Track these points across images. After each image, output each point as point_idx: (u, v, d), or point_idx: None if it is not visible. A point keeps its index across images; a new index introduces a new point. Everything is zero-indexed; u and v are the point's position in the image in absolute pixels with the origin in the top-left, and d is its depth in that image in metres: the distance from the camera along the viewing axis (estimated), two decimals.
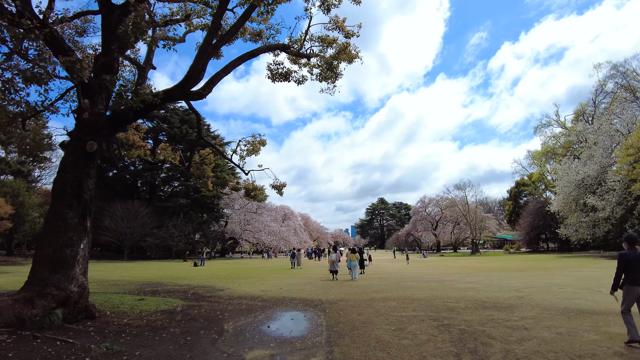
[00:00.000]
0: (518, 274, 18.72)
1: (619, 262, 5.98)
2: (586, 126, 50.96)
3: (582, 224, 40.95)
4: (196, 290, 13.67)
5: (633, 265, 5.83)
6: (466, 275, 18.77)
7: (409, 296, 11.32)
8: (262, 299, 11.36)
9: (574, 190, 42.25)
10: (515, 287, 13.27)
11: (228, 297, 11.80)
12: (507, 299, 10.45)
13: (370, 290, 13.19)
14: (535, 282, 14.85)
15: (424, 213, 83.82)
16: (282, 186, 12.83)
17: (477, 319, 7.71)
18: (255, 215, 61.70)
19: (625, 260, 5.92)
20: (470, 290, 12.65)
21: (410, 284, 14.98)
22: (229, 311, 9.18)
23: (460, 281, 15.83)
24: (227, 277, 19.75)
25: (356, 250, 20.38)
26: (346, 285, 15.22)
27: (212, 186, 14.05)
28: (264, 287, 14.45)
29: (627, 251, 6.04)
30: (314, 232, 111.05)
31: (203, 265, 33.39)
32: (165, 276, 20.05)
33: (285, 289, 13.98)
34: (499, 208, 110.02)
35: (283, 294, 12.23)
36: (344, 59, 10.68)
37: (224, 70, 9.17)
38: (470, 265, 29.91)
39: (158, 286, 15.22)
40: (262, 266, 31.53)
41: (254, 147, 12.62)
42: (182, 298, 11.62)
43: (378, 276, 19.87)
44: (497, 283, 14.66)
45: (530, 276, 17.43)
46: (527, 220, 59.96)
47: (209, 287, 14.98)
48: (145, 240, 46.09)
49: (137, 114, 9.00)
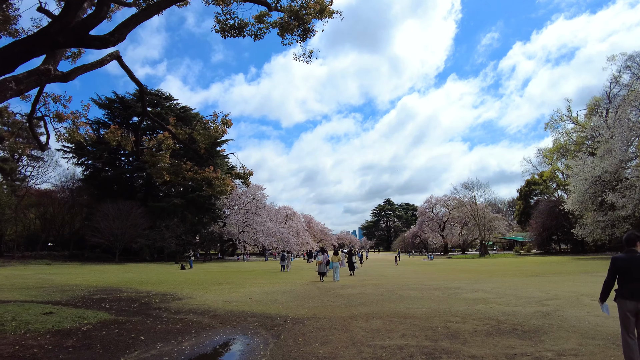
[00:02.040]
0: (534, 280, 16.14)
1: (609, 268, 4.75)
2: (601, 120, 48.09)
3: (600, 224, 38.01)
4: (148, 300, 11.37)
5: (627, 273, 4.54)
6: (475, 282, 16.24)
7: (401, 312, 8.87)
8: (214, 314, 8.99)
9: (590, 188, 39.32)
10: (536, 297, 10.76)
11: (176, 311, 9.46)
12: (529, 316, 7.97)
13: (356, 301, 10.75)
14: (558, 290, 12.30)
15: (431, 214, 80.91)
16: (247, 175, 10.50)
17: (492, 354, 5.27)
18: (254, 216, 59.44)
19: (616, 266, 4.67)
20: (480, 302, 10.16)
21: (408, 294, 12.51)
22: (153, 333, 6.84)
23: (468, 289, 13.32)
24: (202, 282, 17.44)
25: (339, 252, 19.60)
26: (331, 294, 12.79)
27: (168, 177, 11.74)
28: (232, 297, 12.09)
29: (621, 255, 4.76)
30: (318, 233, 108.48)
31: (191, 269, 31.18)
32: (134, 281, 17.79)
33: (256, 298, 11.61)
34: (508, 209, 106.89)
35: (244, 307, 9.84)
36: (314, 9, 8.28)
37: (145, 11, 6.83)
38: (479, 268, 27.28)
39: (110, 293, 12.95)
40: (252, 269, 29.22)
41: (216, 130, 10.30)
42: (118, 310, 9.32)
43: (374, 282, 17.41)
44: (512, 292, 12.13)
45: (550, 282, 14.86)
46: (538, 220, 56.82)
47: (169, 295, 12.67)
48: (137, 241, 43.97)
49: None
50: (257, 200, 61.84)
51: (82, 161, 53.48)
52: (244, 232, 57.13)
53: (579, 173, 40.46)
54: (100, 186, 53.16)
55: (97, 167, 54.94)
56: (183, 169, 11.02)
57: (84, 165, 54.37)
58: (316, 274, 19.74)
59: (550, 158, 65.77)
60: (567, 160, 55.81)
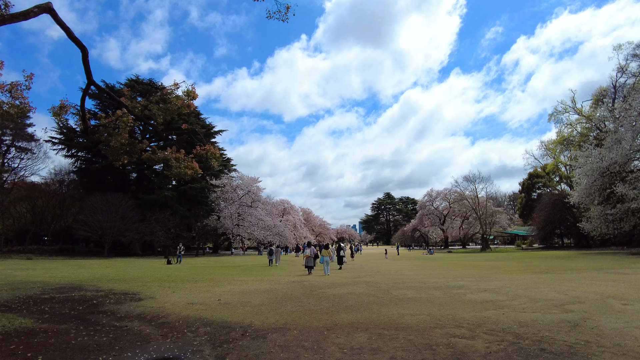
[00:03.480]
0: (546, 278, 14.47)
1: None
2: (610, 108, 46.31)
3: (608, 217, 36.29)
4: (102, 301, 9.71)
5: None
6: (480, 279, 14.57)
7: (394, 320, 7.19)
8: (164, 321, 7.32)
9: (597, 179, 37.53)
10: (555, 300, 9.09)
11: (122, 316, 7.80)
12: (554, 327, 6.29)
13: (341, 305, 9.06)
14: (577, 291, 10.63)
15: (431, 207, 79.25)
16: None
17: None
18: (249, 210, 57.78)
19: None
20: (489, 306, 8.49)
21: (404, 294, 10.83)
22: (62, 349, 5.18)
23: (473, 289, 11.65)
24: (178, 279, 15.78)
25: (328, 246, 19.36)
26: (315, 295, 11.11)
27: (127, 159, 10.02)
28: (199, 298, 10.41)
29: None
30: (316, 227, 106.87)
31: (179, 264, 29.58)
32: (105, 277, 16.13)
33: (226, 300, 9.93)
34: (509, 202, 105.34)
35: (204, 313, 8.15)
36: None
37: None
38: (482, 264, 25.63)
39: (65, 292, 11.29)
40: (242, 264, 27.57)
41: (177, 103, 8.61)
42: (53, 314, 7.68)
43: (367, 279, 15.74)
44: (525, 293, 10.45)
45: (565, 281, 13.18)
46: (541, 214, 55.15)
47: (130, 294, 11.02)
48: (126, 235, 42.31)
49: None
50: (253, 193, 60.13)
51: (71, 153, 51.64)
52: (239, 226, 55.49)
53: (585, 164, 38.65)
54: (91, 178, 51.49)
55: (88, 159, 53.22)
56: (138, 149, 9.34)
57: (74, 157, 52.58)
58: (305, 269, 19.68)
59: (554, 150, 64.00)
60: (572, 152, 54.03)
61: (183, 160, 9.02)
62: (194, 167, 9.04)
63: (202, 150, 9.13)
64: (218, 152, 9.10)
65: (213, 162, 9.23)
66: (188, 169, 8.98)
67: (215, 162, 9.36)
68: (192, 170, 9.05)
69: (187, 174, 9.11)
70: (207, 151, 9.05)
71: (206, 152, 8.99)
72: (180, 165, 8.94)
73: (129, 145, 9.31)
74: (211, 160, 9.18)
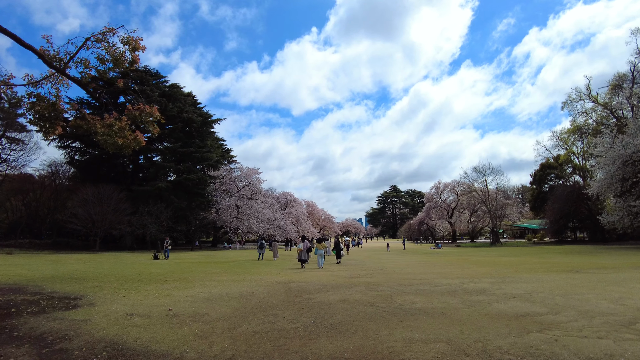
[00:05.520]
0: (580, 278, 12.03)
1: None
2: (630, 93, 43.40)
3: (632, 209, 33.60)
4: (24, 309, 7.47)
5: None
6: (501, 280, 12.15)
7: (397, 352, 4.84)
8: (63, 347, 5.02)
9: (619, 169, 34.78)
10: (614, 313, 6.68)
11: (21, 334, 5.54)
12: None
13: (326, 323, 6.68)
14: (635, 299, 8.20)
15: (439, 200, 76.61)
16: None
17: None
18: (249, 202, 55.57)
19: None
20: (529, 323, 6.10)
21: (412, 303, 8.47)
22: None
23: (497, 294, 9.25)
24: (145, 278, 13.56)
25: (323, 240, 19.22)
26: (297, 304, 8.76)
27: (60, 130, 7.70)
28: (149, 305, 8.14)
29: None
30: (320, 220, 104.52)
31: (166, 259, 27.49)
32: (65, 276, 13.93)
33: (178, 311, 7.63)
34: (517, 196, 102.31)
35: (132, 333, 5.83)
36: None
37: None
38: (497, 260, 23.16)
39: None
40: (232, 260, 25.39)
41: (115, 55, 6.30)
42: None
43: (366, 279, 13.38)
44: (566, 302, 8.04)
45: (607, 283, 10.72)
46: (554, 206, 52.26)
47: (70, 298, 8.80)
48: (117, 227, 40.30)
49: None
50: (253, 184, 57.86)
51: (63, 143, 49.63)
52: (238, 219, 53.33)
53: (606, 152, 35.88)
54: (85, 169, 49.66)
55: (81, 149, 51.29)
56: (60, 112, 7.05)
57: (67, 147, 50.64)
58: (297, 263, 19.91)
59: (567, 141, 61.02)
60: (589, 139, 51.11)
61: (113, 127, 6.71)
62: (125, 136, 6.72)
63: (136, 110, 6.80)
64: (156, 112, 6.80)
65: (150, 127, 6.96)
66: (119, 138, 6.68)
67: (153, 128, 7.06)
68: (123, 140, 6.73)
69: (117, 143, 6.80)
70: (142, 111, 6.76)
71: (140, 112, 6.71)
72: (110, 132, 6.64)
73: (49, 108, 6.98)
74: (147, 124, 6.90)
